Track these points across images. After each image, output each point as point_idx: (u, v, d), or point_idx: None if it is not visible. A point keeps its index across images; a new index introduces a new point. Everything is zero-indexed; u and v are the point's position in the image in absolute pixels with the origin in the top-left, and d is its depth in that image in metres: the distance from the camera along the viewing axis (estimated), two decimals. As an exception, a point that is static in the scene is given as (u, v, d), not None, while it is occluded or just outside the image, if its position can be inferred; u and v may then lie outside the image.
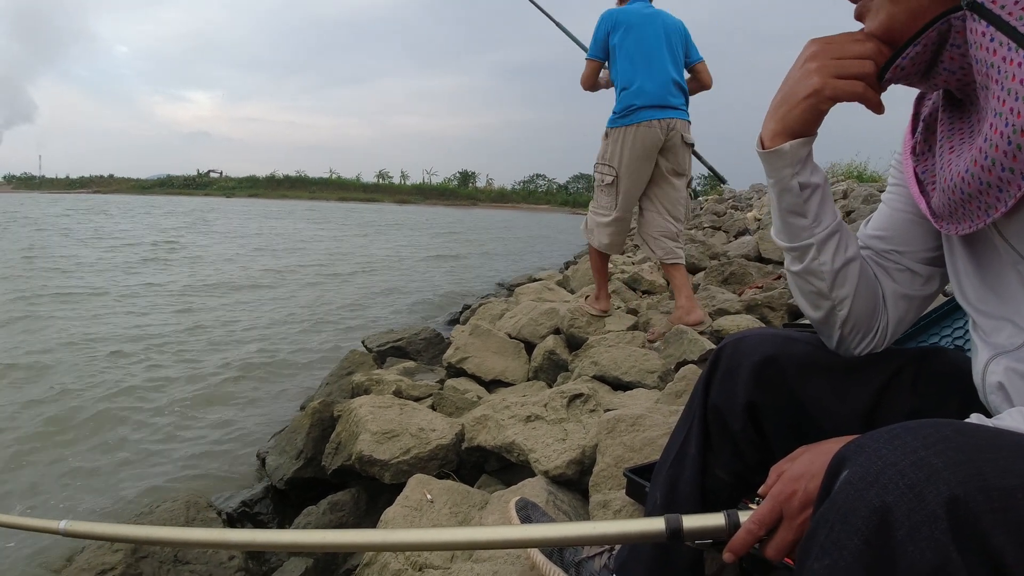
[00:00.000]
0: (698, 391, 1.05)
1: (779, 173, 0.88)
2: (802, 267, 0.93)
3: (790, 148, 0.86)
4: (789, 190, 0.88)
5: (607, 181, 3.33)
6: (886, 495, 0.50)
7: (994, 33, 0.68)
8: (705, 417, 1.03)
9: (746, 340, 1.01)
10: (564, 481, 1.83)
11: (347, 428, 2.53)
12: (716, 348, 1.05)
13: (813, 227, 0.90)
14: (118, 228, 21.25)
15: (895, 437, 0.54)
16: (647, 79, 3.19)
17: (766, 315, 3.54)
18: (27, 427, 3.78)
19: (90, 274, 9.84)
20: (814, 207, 0.89)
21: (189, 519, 2.61)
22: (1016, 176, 0.67)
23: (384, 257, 15.06)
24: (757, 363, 0.97)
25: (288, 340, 6.12)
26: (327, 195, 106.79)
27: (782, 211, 0.91)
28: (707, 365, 1.04)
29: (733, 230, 9.74)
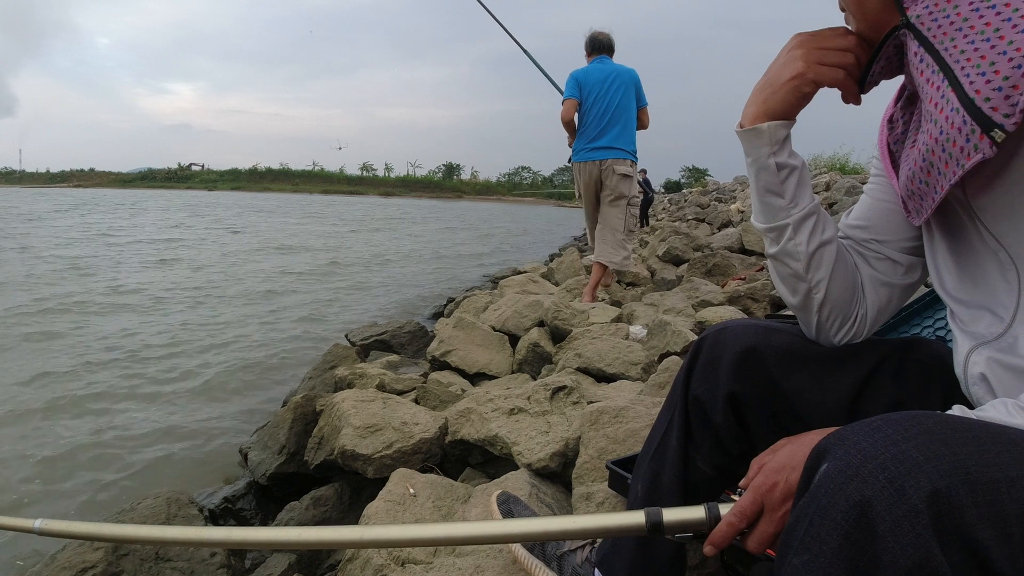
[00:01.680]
0: (679, 382, 1.04)
1: (757, 151, 0.89)
2: (778, 248, 0.94)
3: (768, 128, 0.87)
4: (766, 169, 0.89)
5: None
6: (866, 489, 0.49)
7: (924, 54, 0.72)
8: (686, 408, 1.02)
9: (727, 331, 1.01)
10: (547, 474, 1.82)
11: (330, 422, 2.51)
12: (697, 339, 1.04)
13: (790, 208, 0.91)
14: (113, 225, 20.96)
15: (875, 430, 0.53)
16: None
17: (748, 306, 3.56)
18: (3, 422, 3.72)
19: (74, 276, 9.70)
20: (791, 188, 0.90)
21: (170, 516, 2.58)
22: (930, 189, 0.74)
23: (369, 251, 14.97)
24: (738, 353, 0.97)
25: (271, 335, 6.06)
26: (310, 188, 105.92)
27: (759, 191, 0.92)
28: (688, 356, 1.04)
29: (717, 222, 9.81)
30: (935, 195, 0.73)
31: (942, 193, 0.72)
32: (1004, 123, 0.62)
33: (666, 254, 6.18)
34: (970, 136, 0.65)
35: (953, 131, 0.67)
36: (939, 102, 0.69)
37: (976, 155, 0.65)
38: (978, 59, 0.65)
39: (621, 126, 4.27)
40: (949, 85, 0.67)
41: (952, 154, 0.68)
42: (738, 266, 4.82)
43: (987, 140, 0.64)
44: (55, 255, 11.33)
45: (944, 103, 0.68)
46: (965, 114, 0.65)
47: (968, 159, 0.66)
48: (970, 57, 0.66)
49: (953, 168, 0.68)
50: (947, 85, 0.68)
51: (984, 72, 0.64)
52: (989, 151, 0.64)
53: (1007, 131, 0.62)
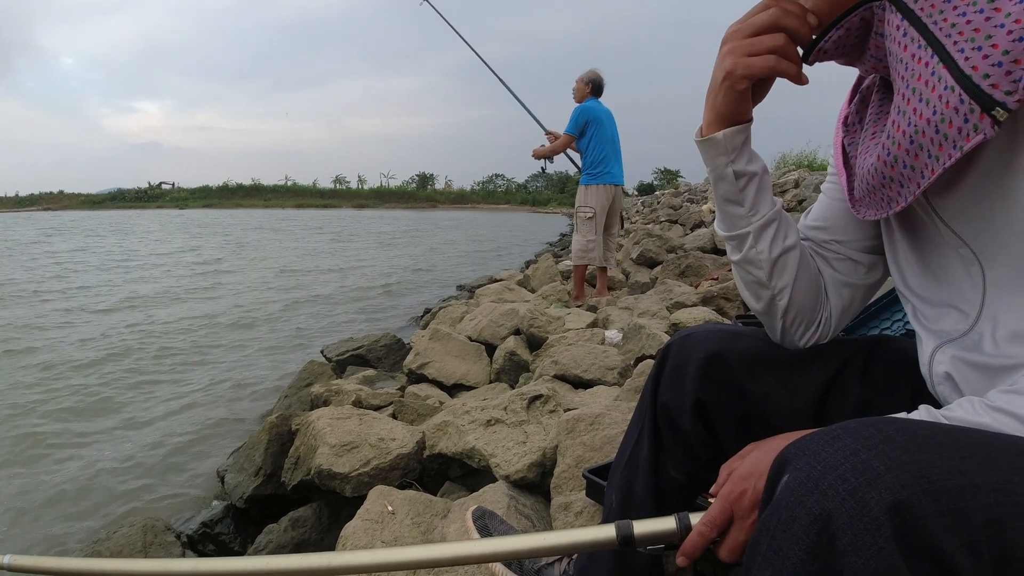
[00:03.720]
0: (647, 390, 1.03)
1: (714, 161, 0.88)
2: (740, 256, 0.93)
3: (723, 136, 0.85)
4: (724, 178, 0.88)
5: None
6: (826, 502, 0.48)
7: (907, 28, 0.68)
8: (655, 416, 1.01)
9: (692, 337, 1.00)
10: (525, 485, 1.81)
11: (305, 442, 2.48)
12: (663, 346, 1.04)
13: (750, 216, 0.90)
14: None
15: (835, 439, 0.52)
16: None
17: (722, 306, 3.59)
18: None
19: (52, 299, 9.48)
20: (750, 196, 0.89)
21: (146, 544, 2.53)
22: (916, 174, 0.69)
23: (342, 264, 14.86)
24: (703, 360, 0.96)
25: (245, 353, 5.98)
26: (283, 202, 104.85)
27: (719, 199, 0.92)
28: (655, 364, 1.03)
29: (689, 223, 9.88)
30: (922, 180, 0.69)
31: (931, 178, 0.67)
32: (1006, 101, 0.59)
33: (640, 256, 6.21)
34: (968, 116, 0.61)
35: (948, 111, 0.62)
36: (929, 79, 0.65)
37: (976, 136, 0.61)
38: (971, 32, 0.61)
39: (620, 156, 5.19)
40: (940, 61, 0.63)
41: (948, 135, 0.63)
42: (711, 266, 4.86)
43: (988, 120, 0.60)
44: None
45: (935, 80, 0.64)
46: (962, 92, 0.61)
47: (967, 140, 0.62)
48: (962, 31, 0.62)
49: (949, 150, 0.64)
50: (937, 61, 0.64)
51: (980, 47, 0.60)
52: (991, 131, 0.60)
53: (1010, 109, 0.59)
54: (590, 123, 5.01)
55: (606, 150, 5.05)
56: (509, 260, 15.49)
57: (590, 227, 5.06)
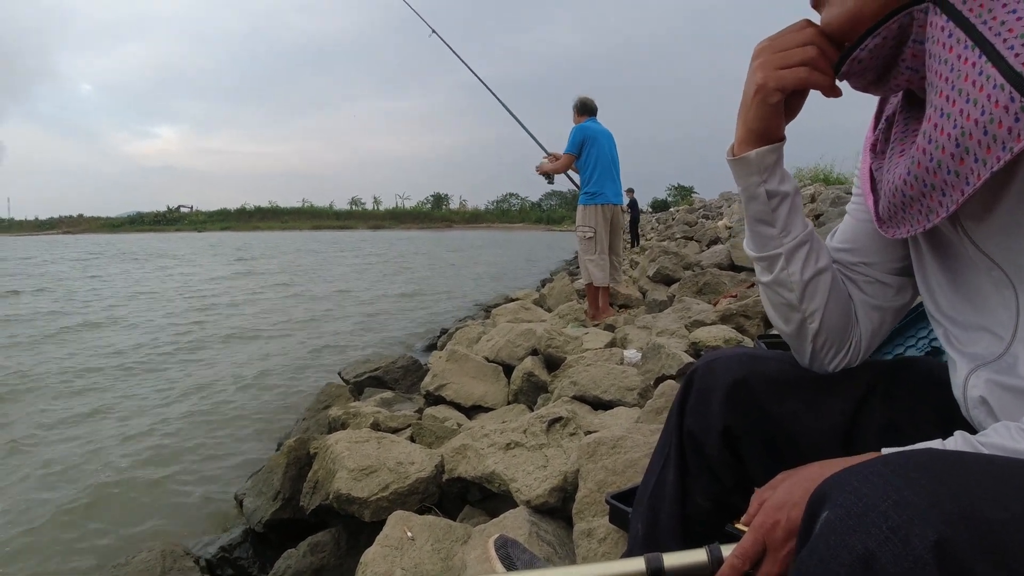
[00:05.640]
0: (672, 417, 1.01)
1: (746, 180, 0.87)
2: (771, 278, 0.91)
3: (755, 156, 0.84)
4: (756, 198, 0.87)
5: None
6: (869, 540, 0.47)
7: (953, 29, 0.65)
8: (681, 443, 0.99)
9: (716, 362, 0.98)
10: (547, 510, 1.78)
11: (324, 466, 2.46)
12: (688, 372, 1.02)
13: (781, 237, 0.88)
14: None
15: (875, 473, 0.50)
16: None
17: (742, 324, 3.54)
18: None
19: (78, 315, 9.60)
20: (783, 216, 0.88)
21: (165, 570, 2.52)
22: (960, 180, 0.65)
23: (359, 285, 14.94)
24: (729, 385, 0.94)
25: (262, 375, 5.99)
26: (300, 225, 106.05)
27: (750, 219, 0.90)
28: (680, 390, 1.01)
29: (705, 239, 9.84)
30: (966, 187, 0.64)
31: (977, 184, 0.63)
32: None
33: (656, 274, 6.18)
34: (1020, 114, 0.58)
35: (998, 110, 0.59)
36: (977, 79, 0.62)
37: None
38: (1022, 29, 0.59)
39: (617, 176, 5.28)
40: (988, 61, 0.60)
41: (997, 136, 0.60)
42: (729, 283, 4.81)
43: None
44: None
45: (983, 80, 0.61)
46: (1012, 90, 0.58)
47: (1018, 140, 0.58)
48: (1012, 27, 0.60)
49: (997, 152, 0.60)
50: (985, 61, 0.61)
51: None
52: None
53: None
54: (586, 142, 5.08)
55: (601, 170, 5.11)
56: (524, 279, 15.49)
57: (590, 246, 5.12)
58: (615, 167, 5.23)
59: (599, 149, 5.08)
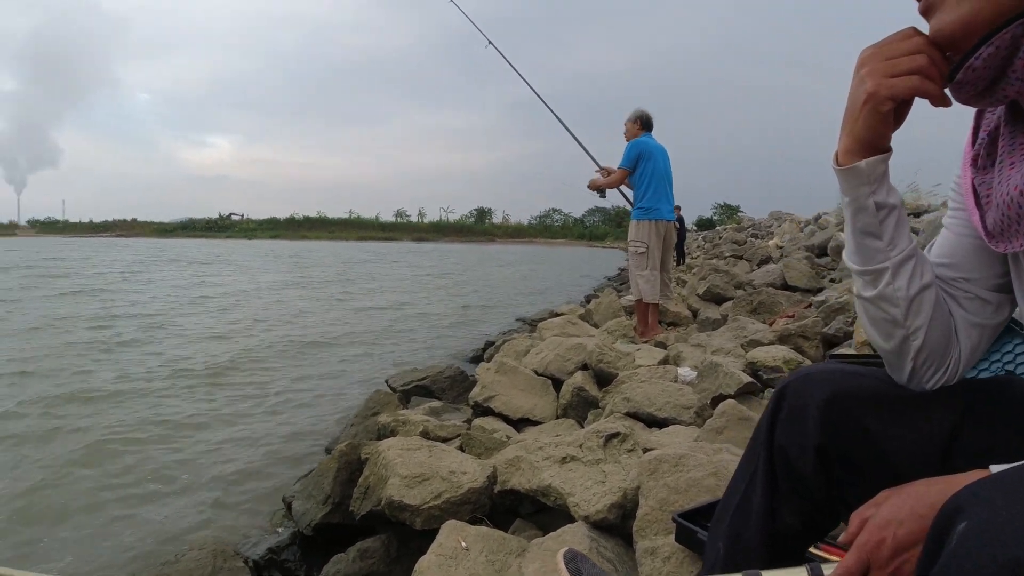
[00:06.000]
0: (761, 432, 0.99)
1: (855, 192, 0.84)
2: (875, 293, 0.88)
3: (866, 166, 0.82)
4: (865, 209, 0.84)
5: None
6: (1016, 548, 0.46)
7: None
8: (771, 460, 0.97)
9: (810, 378, 0.96)
10: (605, 526, 1.75)
11: (375, 472, 2.47)
12: (778, 387, 0.99)
13: (888, 250, 0.86)
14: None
15: (1011, 485, 0.50)
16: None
17: (800, 345, 3.46)
18: (44, 469, 3.74)
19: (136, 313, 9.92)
20: (890, 229, 0.85)
21: (216, 569, 2.54)
22: None
23: (402, 294, 15.10)
24: (824, 401, 0.92)
25: (310, 380, 6.09)
26: (346, 235, 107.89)
27: (856, 232, 0.87)
28: (770, 405, 0.98)
29: (756, 258, 9.67)
30: None
31: None
32: None
33: (707, 292, 6.09)
34: None
35: None
36: None
37: None
38: None
39: (671, 193, 5.25)
40: None
41: None
42: (785, 303, 4.71)
43: None
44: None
45: None
46: None
47: None
48: None
49: None
50: None
51: None
52: None
53: None
54: (642, 157, 5.08)
55: (656, 185, 5.11)
56: (568, 294, 15.45)
57: (642, 262, 5.09)
58: (669, 183, 5.21)
59: (655, 164, 5.07)
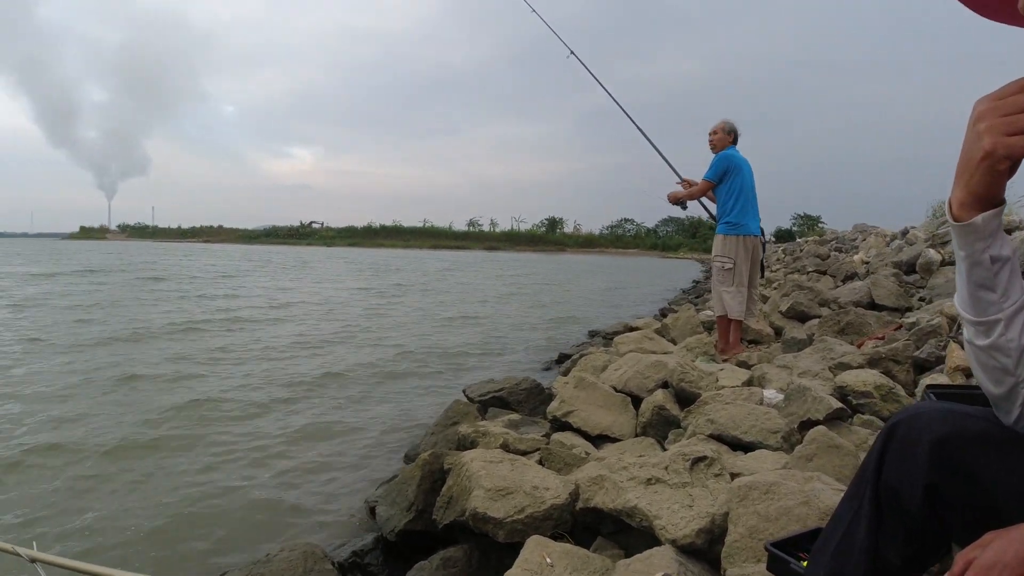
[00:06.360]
0: (869, 468, 0.99)
1: (971, 247, 0.85)
2: (988, 343, 0.88)
3: (982, 221, 0.82)
4: (980, 264, 0.85)
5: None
6: None
7: None
8: (877, 495, 0.97)
9: (921, 416, 0.96)
10: (692, 551, 1.74)
11: (459, 482, 2.52)
12: (889, 423, 0.99)
13: (1001, 302, 0.86)
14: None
15: None
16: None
17: (891, 369, 3.33)
18: (140, 470, 3.97)
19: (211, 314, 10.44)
20: (1003, 281, 0.85)
21: (306, 571, 2.65)
22: None
23: (474, 304, 15.27)
24: (936, 440, 0.92)
25: (383, 386, 6.27)
26: (420, 243, 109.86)
27: (971, 284, 0.87)
28: (878, 442, 0.98)
29: (840, 274, 9.30)
30: None
31: None
32: None
33: (790, 310, 5.90)
34: None
35: None
36: None
37: None
38: None
39: (757, 207, 5.13)
40: None
41: None
42: (874, 324, 4.52)
43: None
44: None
45: None
46: None
47: None
48: None
49: None
50: None
51: None
52: None
53: None
54: (730, 171, 5.00)
55: (744, 200, 5.01)
56: (641, 306, 15.27)
57: (728, 278, 4.98)
58: (755, 197, 5.11)
59: (743, 179, 4.99)
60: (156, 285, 18.33)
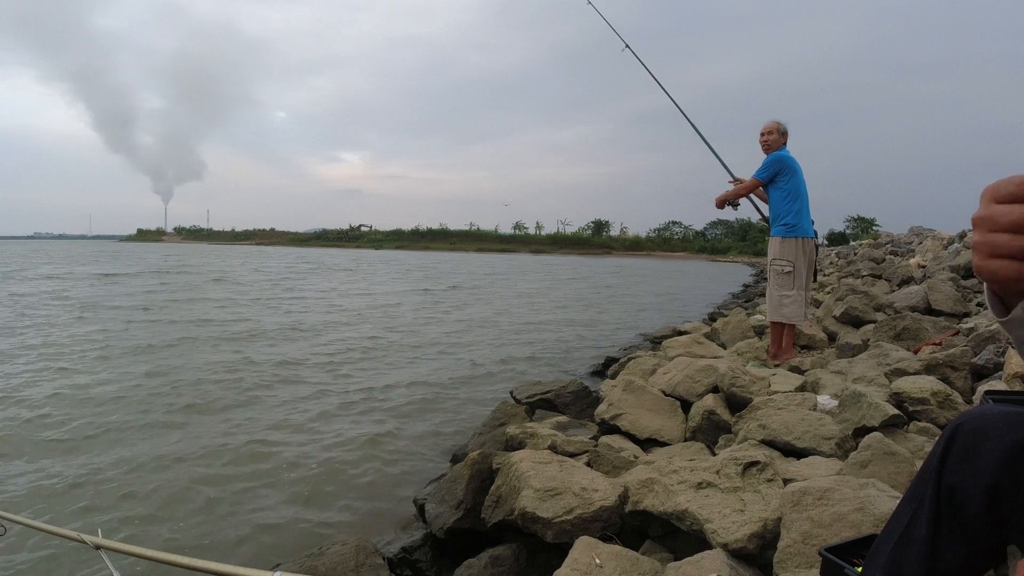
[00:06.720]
0: (930, 469, 0.98)
1: (1016, 332, 0.81)
2: None
3: (1020, 312, 0.76)
4: None
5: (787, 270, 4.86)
6: None
7: None
8: (938, 496, 0.96)
9: (987, 418, 0.95)
10: (744, 556, 1.73)
11: (507, 482, 2.55)
12: (952, 425, 0.98)
13: None
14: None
15: None
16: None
17: (948, 375, 3.24)
18: (195, 464, 4.13)
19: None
20: None
21: (359, 564, 2.72)
22: None
23: (519, 307, 15.31)
24: (1001, 443, 0.91)
25: (431, 387, 6.35)
26: (466, 246, 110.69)
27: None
28: (941, 442, 0.98)
29: (896, 278, 9.03)
30: None
31: None
32: None
33: (844, 315, 5.76)
34: None
35: None
36: None
37: None
38: None
39: (809, 208, 5.02)
40: None
41: None
42: (931, 330, 4.39)
43: None
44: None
45: None
46: None
47: None
48: None
49: None
50: None
51: None
52: None
53: None
54: (783, 172, 4.90)
55: (801, 201, 4.90)
56: (689, 310, 15.08)
57: (788, 281, 4.84)
58: (808, 199, 5.03)
59: (798, 179, 4.89)
60: (228, 289, 18.94)
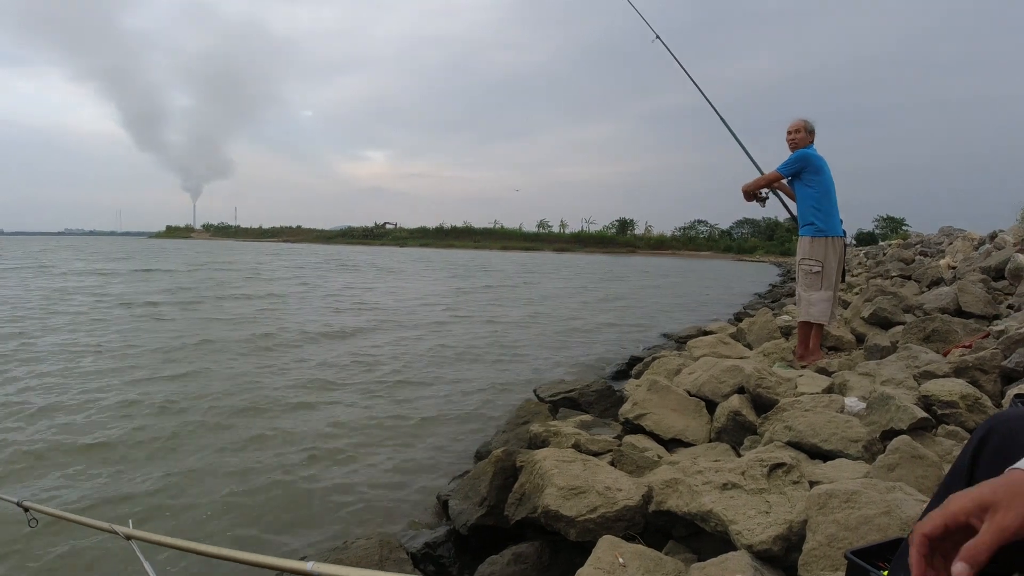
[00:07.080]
0: (961, 471, 0.97)
1: None
2: None
3: None
4: None
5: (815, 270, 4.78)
6: None
7: None
8: None
9: (1019, 420, 0.93)
10: (768, 558, 1.73)
11: (531, 480, 2.57)
12: (984, 425, 0.97)
13: None
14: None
15: None
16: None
17: (977, 378, 3.19)
18: (222, 454, 4.22)
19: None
20: None
21: (383, 558, 2.76)
22: None
23: (543, 305, 15.31)
24: None
25: (454, 385, 6.39)
26: (490, 244, 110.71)
27: None
28: (973, 441, 0.97)
29: (925, 279, 8.87)
30: None
31: None
32: None
33: (872, 316, 5.68)
34: None
35: None
36: None
37: None
38: None
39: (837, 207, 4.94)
40: None
41: None
42: (960, 332, 4.32)
43: None
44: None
45: None
46: None
47: None
48: None
49: None
50: None
51: None
52: None
53: None
54: (808, 170, 4.81)
55: (830, 200, 4.82)
56: (714, 310, 14.96)
57: (816, 281, 4.76)
58: (836, 198, 4.94)
59: (826, 178, 4.80)
60: (264, 286, 19.23)
